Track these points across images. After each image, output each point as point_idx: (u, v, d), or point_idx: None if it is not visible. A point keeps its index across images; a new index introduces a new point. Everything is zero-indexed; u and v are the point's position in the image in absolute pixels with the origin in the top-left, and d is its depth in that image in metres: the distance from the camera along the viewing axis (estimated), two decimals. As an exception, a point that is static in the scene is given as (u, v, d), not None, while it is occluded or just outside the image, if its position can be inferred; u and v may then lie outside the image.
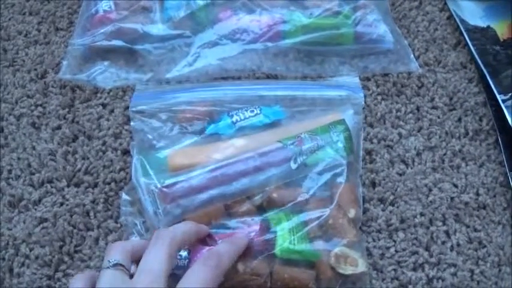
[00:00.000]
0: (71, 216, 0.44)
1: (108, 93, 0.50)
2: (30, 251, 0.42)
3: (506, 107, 0.48)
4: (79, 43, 0.50)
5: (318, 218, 0.40)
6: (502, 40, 0.54)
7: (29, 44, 0.54)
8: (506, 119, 0.47)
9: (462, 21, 0.55)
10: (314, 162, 0.42)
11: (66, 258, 0.42)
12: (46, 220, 0.44)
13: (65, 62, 0.51)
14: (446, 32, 0.55)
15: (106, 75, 0.50)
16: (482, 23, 0.55)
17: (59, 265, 0.42)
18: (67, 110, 0.49)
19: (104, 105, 0.49)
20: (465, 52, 0.54)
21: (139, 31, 0.50)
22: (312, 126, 0.44)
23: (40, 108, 0.50)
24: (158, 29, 0.50)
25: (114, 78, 0.50)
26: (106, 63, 0.51)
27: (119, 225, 0.43)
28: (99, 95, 0.50)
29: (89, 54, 0.51)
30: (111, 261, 0.33)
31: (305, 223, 0.40)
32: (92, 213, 0.44)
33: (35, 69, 0.52)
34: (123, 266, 0.33)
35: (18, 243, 0.43)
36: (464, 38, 0.54)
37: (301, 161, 0.42)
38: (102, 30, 0.50)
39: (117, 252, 0.34)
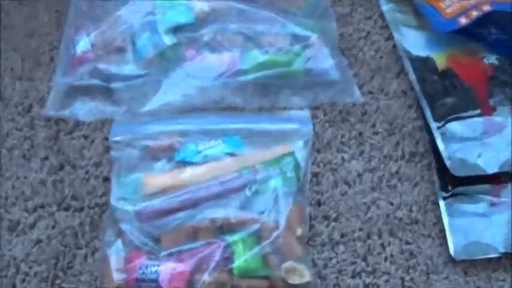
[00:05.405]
0: (63, 237, 0.52)
1: (88, 125, 0.58)
2: (30, 268, 0.51)
3: (441, 133, 0.55)
4: (61, 83, 0.58)
5: (270, 237, 0.50)
6: (440, 70, 0.60)
7: (15, 79, 0.61)
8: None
9: (405, 50, 0.61)
10: (266, 190, 0.53)
11: (60, 274, 0.51)
12: (41, 241, 0.52)
13: (49, 100, 0.59)
14: (391, 60, 0.62)
15: (86, 109, 0.58)
16: (423, 53, 0.61)
17: (55, 280, 0.51)
18: (53, 141, 0.57)
19: (85, 137, 0.58)
20: (407, 80, 0.60)
21: (112, 71, 0.58)
22: (266, 156, 0.54)
23: (29, 141, 0.57)
24: (130, 68, 0.58)
25: (94, 112, 0.58)
26: (86, 99, 0.59)
27: (103, 244, 0.52)
28: (80, 127, 0.58)
29: (70, 92, 0.59)
30: None
31: (259, 242, 0.50)
32: (80, 234, 0.53)
33: (22, 104, 0.60)
34: None
35: (18, 262, 0.51)
36: (407, 67, 0.60)
37: (255, 188, 0.53)
38: (81, 70, 0.58)
39: None
